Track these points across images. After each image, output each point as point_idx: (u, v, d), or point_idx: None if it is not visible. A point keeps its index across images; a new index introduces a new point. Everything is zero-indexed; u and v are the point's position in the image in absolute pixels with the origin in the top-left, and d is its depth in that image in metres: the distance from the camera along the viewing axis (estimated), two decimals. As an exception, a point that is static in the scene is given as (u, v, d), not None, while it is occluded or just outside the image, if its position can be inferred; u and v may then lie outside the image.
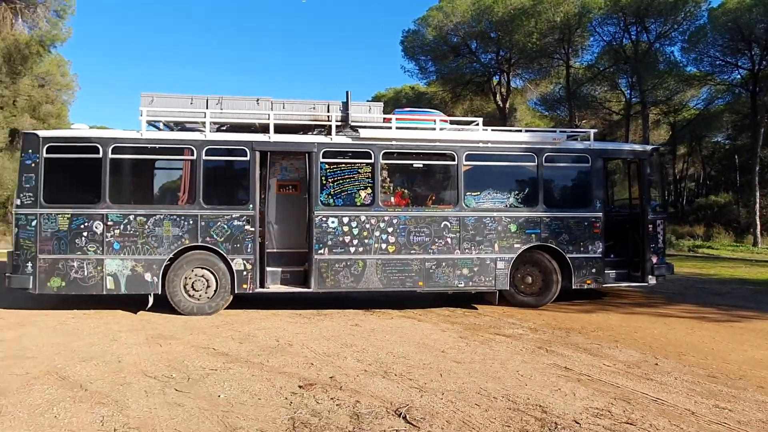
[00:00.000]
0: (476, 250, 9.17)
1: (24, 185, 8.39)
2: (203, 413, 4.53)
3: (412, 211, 9.15)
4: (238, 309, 9.08)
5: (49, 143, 8.52)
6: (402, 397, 4.93)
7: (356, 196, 9.03)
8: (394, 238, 8.99)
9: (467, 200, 9.29)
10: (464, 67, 29.89)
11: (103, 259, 8.44)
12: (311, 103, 9.64)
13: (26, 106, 30.50)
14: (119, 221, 8.49)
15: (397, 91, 36.43)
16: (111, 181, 8.58)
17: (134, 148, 8.79)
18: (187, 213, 8.63)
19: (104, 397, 4.87)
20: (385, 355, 6.34)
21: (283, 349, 6.61)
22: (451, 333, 7.58)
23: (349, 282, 8.87)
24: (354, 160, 9.11)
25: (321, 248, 8.80)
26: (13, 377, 5.42)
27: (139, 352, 6.38)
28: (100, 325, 7.82)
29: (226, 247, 8.66)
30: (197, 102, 9.25)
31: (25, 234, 8.34)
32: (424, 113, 10.38)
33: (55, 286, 8.38)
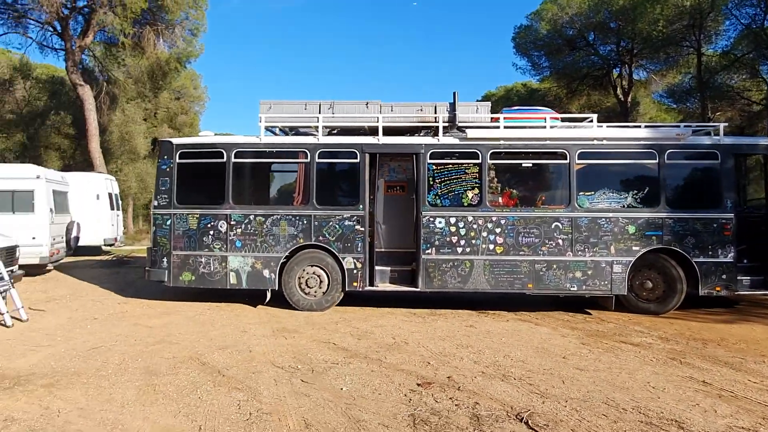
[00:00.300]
0: (590, 252, 8.71)
1: (160, 188, 9.32)
2: (328, 404, 4.74)
3: (521, 211, 8.87)
4: (354, 306, 9.38)
5: (181, 149, 9.36)
6: (523, 402, 4.81)
7: (463, 197, 8.94)
8: (502, 239, 8.80)
9: (580, 200, 8.85)
10: (581, 61, 28.38)
11: (227, 255, 9.11)
12: (418, 105, 9.68)
13: (165, 117, 33.92)
14: (241, 221, 9.12)
15: (508, 89, 35.48)
16: (233, 183, 9.23)
17: (254, 152, 9.41)
18: (301, 213, 9.07)
19: (239, 383, 5.27)
20: (502, 358, 6.21)
21: (400, 347, 6.72)
22: (571, 339, 7.24)
23: (456, 282, 8.82)
24: (461, 161, 9.02)
25: (428, 248, 8.83)
26: (163, 360, 6.04)
27: (266, 344, 6.82)
28: (231, 317, 8.46)
29: (337, 246, 8.99)
30: (311, 107, 9.68)
31: (161, 232, 9.24)
32: (533, 111, 9.95)
33: (186, 280, 9.19)
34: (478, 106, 9.71)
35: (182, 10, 22.32)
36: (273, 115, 9.57)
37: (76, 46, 22.14)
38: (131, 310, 9.02)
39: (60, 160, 30.62)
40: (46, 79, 30.36)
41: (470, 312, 9.03)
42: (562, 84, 30.51)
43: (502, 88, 36.07)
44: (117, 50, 23.55)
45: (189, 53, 24.44)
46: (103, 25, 21.60)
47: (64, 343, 6.78)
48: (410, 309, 9.20)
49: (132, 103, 30.30)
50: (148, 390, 5.04)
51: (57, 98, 30.29)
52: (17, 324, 7.80)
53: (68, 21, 22.13)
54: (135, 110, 30.65)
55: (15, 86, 29.65)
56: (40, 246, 12.74)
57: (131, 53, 23.21)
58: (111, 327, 7.71)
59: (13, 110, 30.12)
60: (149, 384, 5.21)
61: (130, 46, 22.19)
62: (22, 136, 30.01)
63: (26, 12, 22.03)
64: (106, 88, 26.03)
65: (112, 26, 20.98)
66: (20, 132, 30.02)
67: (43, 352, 6.38)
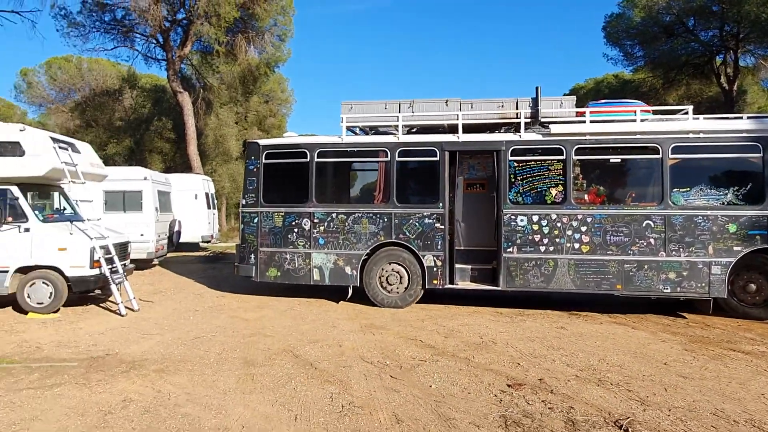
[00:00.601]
0: (685, 252, 8.15)
1: (248, 187, 9.77)
2: (417, 400, 4.77)
3: (609, 209, 8.45)
4: (439, 304, 9.37)
5: (267, 150, 9.76)
6: (621, 409, 4.59)
7: (546, 194, 8.64)
8: (588, 238, 8.44)
9: (674, 197, 8.29)
10: (679, 49, 26.49)
11: (311, 252, 9.40)
12: (499, 101, 9.46)
13: (254, 120, 35.56)
14: (324, 219, 9.37)
15: (598, 81, 33.78)
16: (317, 182, 9.50)
17: (336, 151, 9.63)
18: (382, 211, 9.19)
19: (330, 376, 5.43)
20: (597, 362, 5.96)
21: (488, 346, 6.63)
22: (673, 344, 6.80)
23: (539, 282, 8.57)
24: (544, 157, 8.71)
25: (510, 247, 8.66)
26: (258, 351, 6.35)
27: (355, 339, 6.97)
28: (320, 313, 8.73)
29: (417, 243, 9.03)
30: (390, 107, 9.75)
31: (249, 230, 9.69)
32: (622, 104, 9.39)
33: (272, 276, 9.58)
34: (562, 101, 9.36)
35: (271, 17, 23.29)
36: (354, 116, 9.74)
37: (176, 56, 23.73)
38: (228, 303, 9.55)
39: (162, 162, 32.98)
40: (149, 88, 32.85)
41: (560, 313, 8.73)
42: (658, 74, 28.64)
43: (591, 80, 34.38)
44: (212, 58, 24.97)
45: (277, 58, 25.46)
46: (200, 35, 22.99)
47: (171, 332, 7.30)
48: (497, 308, 9.05)
49: (225, 108, 32.06)
50: (247, 379, 5.32)
51: (159, 105, 32.69)
52: (130, 313, 8.50)
53: (169, 33, 23.77)
54: (228, 114, 32.41)
55: (123, 95, 32.35)
56: (147, 242, 13.81)
57: (224, 60, 24.51)
58: (211, 319, 8.21)
59: (121, 117, 32.86)
60: (247, 373, 5.49)
61: (223, 53, 23.45)
62: (130, 141, 32.64)
63: (133, 27, 23.91)
64: (202, 94, 27.74)
65: (207, 36, 22.27)
66: (128, 137, 32.67)
67: (153, 339, 6.92)
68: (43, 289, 8.40)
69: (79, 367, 5.68)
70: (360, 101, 9.92)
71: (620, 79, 32.32)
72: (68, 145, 9.32)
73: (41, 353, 6.28)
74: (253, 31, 23.57)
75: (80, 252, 8.46)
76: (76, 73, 31.56)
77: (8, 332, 7.36)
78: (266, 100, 35.54)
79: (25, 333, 7.30)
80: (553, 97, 9.37)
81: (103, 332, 7.33)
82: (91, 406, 4.59)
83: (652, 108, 9.06)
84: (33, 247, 8.38)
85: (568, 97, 9.53)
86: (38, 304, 8.38)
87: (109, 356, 6.14)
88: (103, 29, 23.81)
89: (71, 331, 7.39)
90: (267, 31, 23.82)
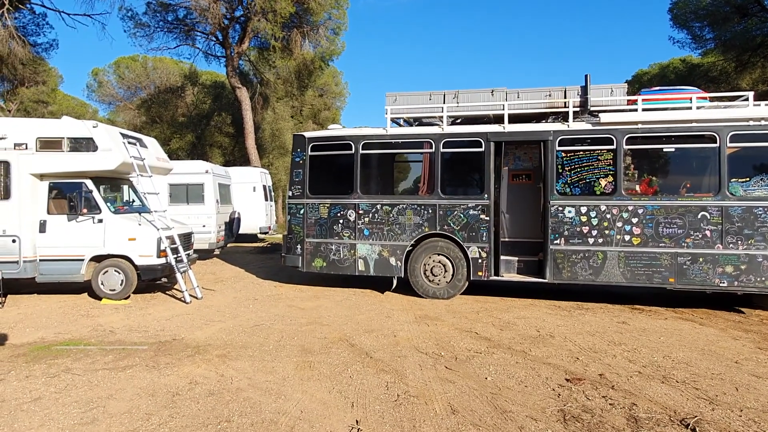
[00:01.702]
0: (744, 245, 7.77)
1: (294, 179, 9.95)
2: (473, 392, 4.75)
3: (662, 200, 8.14)
4: (494, 296, 9.27)
5: (313, 142, 9.89)
6: (688, 407, 4.40)
7: (596, 185, 8.41)
8: (639, 230, 8.17)
9: (733, 188, 7.87)
10: (754, 29, 24.80)
11: (356, 243, 9.50)
12: (547, 90, 9.25)
13: (309, 113, 36.15)
14: (368, 210, 9.44)
15: (663, 66, 32.13)
16: (361, 174, 9.58)
17: (381, 143, 9.65)
18: (426, 203, 9.17)
19: (386, 365, 5.49)
20: (662, 359, 5.73)
21: (545, 340, 6.50)
22: (745, 342, 6.45)
23: (587, 274, 8.36)
24: (593, 147, 8.47)
25: (557, 238, 8.49)
26: (315, 340, 6.49)
27: (410, 330, 7.01)
28: (375, 303, 8.82)
29: (462, 235, 8.98)
30: (435, 98, 9.73)
31: (295, 221, 9.87)
32: (676, 91, 8.97)
33: (318, 266, 9.74)
34: (612, 89, 9.07)
35: (325, 11, 23.54)
36: (398, 107, 9.76)
37: (234, 53, 24.43)
38: (285, 293, 9.81)
39: (222, 156, 34.14)
40: (210, 85, 34.02)
41: (621, 307, 8.46)
42: (730, 57, 26.95)
43: (656, 65, 32.78)
44: (268, 54, 25.53)
45: (332, 51, 25.71)
46: (257, 32, 23.56)
47: (232, 320, 7.58)
48: (554, 301, 8.87)
49: (281, 102, 32.75)
50: (305, 366, 5.46)
51: (219, 101, 33.81)
52: (194, 301, 8.88)
53: (228, 30, 24.49)
54: (284, 108, 33.09)
55: (185, 92, 33.67)
56: (209, 233, 14.36)
57: (280, 55, 25.00)
58: (269, 307, 8.46)
59: (184, 113, 34.21)
60: (305, 361, 5.63)
61: (279, 48, 23.93)
62: (192, 135, 33.96)
63: (194, 25, 24.79)
64: (259, 89, 28.47)
65: (264, 32, 22.81)
66: (190, 132, 34.00)
67: (215, 326, 7.21)
68: (115, 277, 8.90)
69: (148, 351, 6.00)
70: (404, 92, 9.95)
71: (688, 63, 30.65)
72: (136, 140, 9.81)
73: (114, 337, 6.67)
74: (308, 26, 23.92)
75: (148, 242, 8.90)
76: (142, 71, 33.11)
77: (85, 316, 7.86)
78: (321, 94, 36.06)
79: (99, 317, 7.77)
80: (604, 85, 9.13)
81: (169, 318, 7.70)
82: (160, 387, 4.84)
83: (709, 94, 8.64)
84: (106, 237, 8.89)
85: (619, 84, 9.21)
86: (111, 290, 8.89)
87: (175, 341, 6.44)
88: (166, 29, 24.87)
89: (141, 317, 7.80)
90: (321, 25, 24.10)
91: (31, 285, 9.31)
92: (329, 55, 26.07)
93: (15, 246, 8.73)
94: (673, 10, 26.39)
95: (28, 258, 8.81)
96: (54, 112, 32.04)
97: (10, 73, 28.06)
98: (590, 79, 8.94)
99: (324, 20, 24.06)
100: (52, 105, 34.09)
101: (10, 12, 18.77)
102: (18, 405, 4.45)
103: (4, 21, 19.05)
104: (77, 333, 6.87)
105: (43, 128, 8.95)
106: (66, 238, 8.89)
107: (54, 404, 4.46)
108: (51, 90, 34.05)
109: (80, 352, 5.96)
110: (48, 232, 8.90)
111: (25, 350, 6.07)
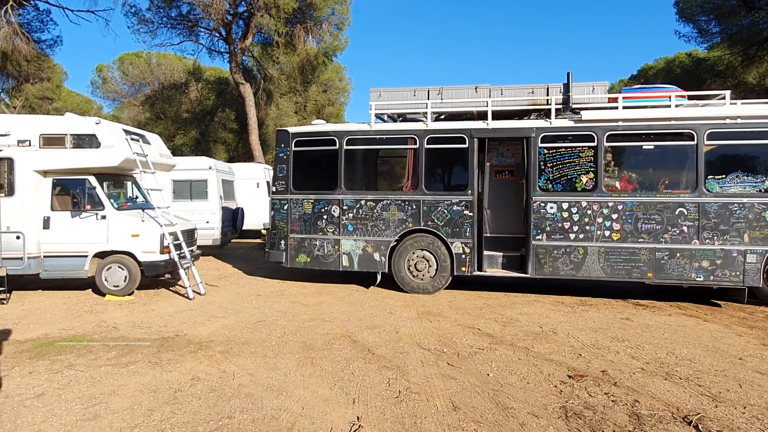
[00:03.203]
0: (720, 240, 7.98)
1: (278, 174, 9.94)
2: (474, 388, 4.74)
3: (641, 196, 8.29)
4: (497, 292, 9.27)
5: (297, 138, 9.88)
6: (690, 404, 4.38)
7: (577, 181, 8.53)
8: (619, 225, 8.32)
9: (709, 185, 8.05)
10: (761, 23, 24.55)
11: (340, 239, 9.52)
12: (530, 87, 9.36)
13: (313, 109, 36.11)
14: (352, 206, 9.46)
15: (669, 60, 31.90)
16: (345, 169, 9.58)
17: (364, 139, 9.64)
18: (410, 198, 9.21)
19: (388, 361, 5.49)
20: (665, 355, 5.71)
21: (548, 336, 6.49)
22: (749, 338, 6.42)
23: (569, 269, 8.48)
24: (575, 144, 8.57)
25: (539, 234, 8.59)
26: (318, 336, 6.49)
27: (412, 326, 7.00)
28: (377, 299, 8.82)
29: (446, 230, 9.04)
30: (419, 94, 9.72)
31: (279, 216, 9.88)
32: (656, 90, 9.17)
33: (302, 262, 9.75)
34: (594, 86, 9.21)
35: (329, 6, 23.44)
36: (382, 103, 9.78)
37: (237, 49, 24.39)
38: (288, 289, 9.81)
39: (225, 152, 34.19)
40: (213, 81, 34.01)
41: (624, 303, 8.44)
42: (737, 51, 26.73)
43: (661, 60, 32.54)
44: (272, 49, 25.49)
45: (335, 47, 25.63)
46: (260, 27, 23.49)
47: (234, 316, 7.59)
48: (557, 297, 8.85)
49: (285, 98, 32.74)
50: (307, 362, 5.46)
51: (222, 97, 33.80)
52: (197, 297, 8.90)
53: (231, 26, 24.45)
54: (287, 104, 33.09)
55: (189, 88, 33.68)
56: (212, 229, 14.38)
57: (284, 51, 24.95)
58: (272, 303, 8.47)
59: (188, 109, 34.24)
60: (307, 357, 5.63)
61: (283, 44, 23.88)
62: (196, 132, 34.00)
63: (198, 21, 24.75)
64: (263, 85, 28.42)
65: (267, 27, 22.73)
66: (194, 128, 34.04)
67: (218, 322, 7.22)
68: (119, 273, 8.93)
69: (151, 347, 6.02)
70: (389, 88, 9.97)
71: (694, 57, 30.44)
72: (139, 136, 9.82)
73: (117, 333, 6.69)
74: (311, 21, 23.83)
75: (151, 238, 8.92)
76: (146, 67, 33.13)
77: (89, 312, 7.89)
78: (324, 90, 35.99)
79: (103, 313, 7.80)
80: (585, 83, 9.28)
81: (172, 314, 7.72)
82: (162, 383, 4.85)
83: (687, 93, 8.76)
84: (109, 233, 8.91)
85: (601, 82, 9.36)
86: (114, 286, 8.92)
87: (178, 337, 6.46)
88: (170, 24, 24.83)
89: (144, 313, 7.83)
90: (325, 21, 24.00)
91: (35, 281, 9.35)
92: (333, 50, 26.00)
93: (19, 242, 8.77)
94: (679, 4, 26.18)
95: (32, 254, 8.84)
96: (59, 109, 32.15)
97: (15, 69, 28.13)
98: (572, 76, 9.07)
99: (327, 15, 23.97)
100: (57, 101, 34.19)
101: (14, 8, 18.80)
102: (21, 401, 4.47)
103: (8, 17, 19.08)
104: (81, 329, 6.90)
105: (46, 125, 8.96)
106: (70, 235, 8.92)
107: (57, 400, 4.48)
108: (56, 86, 34.14)
109: (83, 349, 5.98)
110: (52, 229, 8.93)
111: (28, 346, 6.10)
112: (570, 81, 9.04)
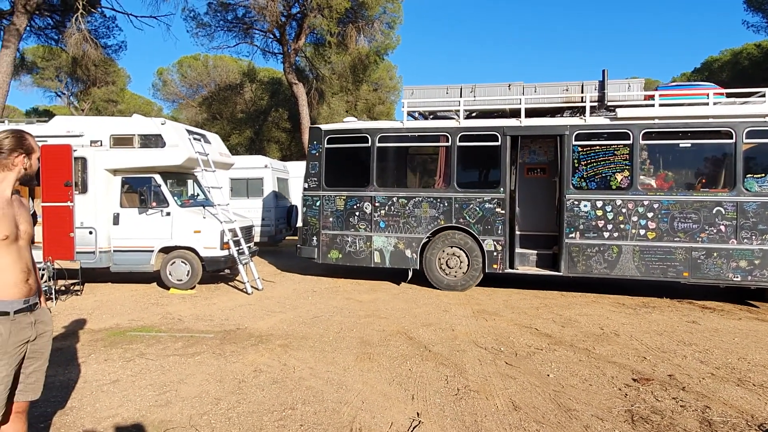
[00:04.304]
0: (758, 240, 7.78)
1: (310, 171, 10.04)
2: (534, 389, 4.68)
3: (678, 195, 8.10)
4: (553, 291, 9.10)
5: (329, 135, 9.97)
6: (767, 412, 4.16)
7: (611, 179, 8.41)
8: (654, 224, 8.16)
9: (748, 183, 7.79)
10: (838, 9, 23.04)
11: (371, 236, 9.57)
12: (564, 84, 9.27)
13: (364, 108, 36.34)
14: (384, 202, 9.49)
15: (736, 52, 30.26)
16: (378, 166, 9.62)
17: (397, 136, 9.65)
18: (442, 196, 9.19)
19: (445, 359, 5.48)
20: (736, 360, 5.45)
21: (609, 338, 6.31)
22: (829, 345, 6.03)
23: (602, 268, 8.37)
24: (610, 142, 8.45)
25: (572, 232, 8.48)
26: (374, 332, 6.56)
27: (468, 324, 6.97)
28: (432, 297, 8.81)
29: (477, 228, 8.99)
30: (452, 91, 9.70)
31: (311, 213, 9.99)
32: (694, 87, 8.94)
33: (333, 258, 9.85)
34: (630, 83, 9.03)
35: (380, 5, 23.54)
36: (415, 100, 9.80)
37: (291, 49, 24.88)
38: (343, 285, 9.95)
39: (279, 151, 34.93)
40: (267, 81, 34.82)
41: (690, 306, 8.11)
42: (812, 40, 25.15)
43: (727, 51, 30.92)
44: (324, 49, 25.84)
45: (387, 46, 25.72)
46: (313, 28, 23.89)
47: (292, 311, 7.77)
48: (617, 298, 8.61)
49: (336, 97, 33.11)
50: (364, 358, 5.53)
51: (276, 97, 34.56)
52: (255, 292, 9.16)
53: (285, 27, 24.94)
54: (339, 103, 33.45)
55: (244, 89, 34.62)
56: (268, 226, 14.75)
57: (336, 51, 25.25)
58: (328, 299, 8.61)
59: (243, 110, 35.19)
60: (365, 352, 5.71)
61: (335, 44, 24.16)
62: (250, 131, 34.91)
63: (252, 23, 25.40)
64: (315, 84, 28.87)
65: (320, 27, 23.10)
66: (249, 128, 34.96)
67: (276, 317, 7.41)
68: (182, 268, 9.30)
69: (215, 339, 6.25)
70: (421, 86, 10.02)
71: (763, 48, 28.75)
72: (200, 136, 10.19)
73: (182, 325, 6.98)
74: (363, 20, 24.01)
75: (212, 234, 9.24)
76: (203, 70, 34.29)
77: (155, 305, 8.26)
78: (375, 88, 36.14)
79: (168, 306, 8.15)
80: (621, 80, 9.10)
81: (233, 308, 7.98)
82: (227, 374, 5.03)
83: (725, 91, 8.43)
84: (173, 229, 9.30)
85: (637, 79, 9.16)
86: (178, 280, 9.30)
87: (239, 330, 6.67)
88: (226, 27, 25.59)
89: (206, 306, 8.13)
90: (376, 20, 24.12)
91: (105, 274, 9.86)
92: (384, 49, 26.07)
93: (92, 237, 9.27)
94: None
95: (103, 249, 9.33)
96: (122, 111, 33.78)
97: (84, 74, 29.76)
98: (608, 74, 8.94)
99: (379, 14, 24.08)
100: (121, 104, 35.92)
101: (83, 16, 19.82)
102: (99, 386, 4.74)
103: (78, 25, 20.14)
104: (149, 320, 7.24)
105: (115, 126, 9.44)
106: (137, 230, 9.36)
107: (131, 386, 4.72)
108: (120, 89, 35.90)
109: (152, 339, 6.28)
110: (121, 225, 9.40)
111: (102, 335, 6.45)
112: (605, 78, 8.92)
